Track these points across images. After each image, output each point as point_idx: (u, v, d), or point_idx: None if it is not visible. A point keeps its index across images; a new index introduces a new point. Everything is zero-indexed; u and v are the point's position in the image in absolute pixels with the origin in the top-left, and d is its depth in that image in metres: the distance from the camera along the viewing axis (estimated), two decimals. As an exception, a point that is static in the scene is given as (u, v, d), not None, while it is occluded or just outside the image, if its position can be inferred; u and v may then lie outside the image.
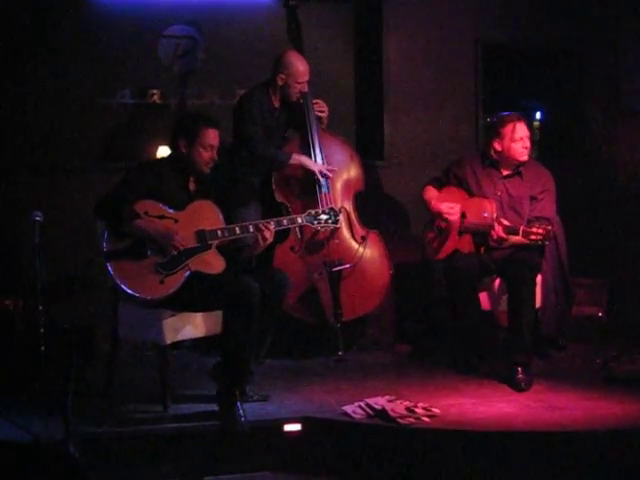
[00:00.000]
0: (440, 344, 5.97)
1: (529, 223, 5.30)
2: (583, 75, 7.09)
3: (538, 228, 5.07)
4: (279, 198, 5.86)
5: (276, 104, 5.89)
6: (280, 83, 5.79)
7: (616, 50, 6.93)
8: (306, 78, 5.79)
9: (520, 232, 5.14)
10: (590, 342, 6.10)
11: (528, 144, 5.50)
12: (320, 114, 5.91)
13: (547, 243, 5.22)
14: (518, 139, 5.47)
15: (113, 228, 4.66)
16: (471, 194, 5.62)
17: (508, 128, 5.48)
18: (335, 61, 6.57)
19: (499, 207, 5.48)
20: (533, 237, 5.08)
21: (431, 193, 5.72)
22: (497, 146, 5.54)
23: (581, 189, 6.85)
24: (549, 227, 5.12)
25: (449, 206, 5.55)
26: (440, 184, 5.76)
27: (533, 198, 5.52)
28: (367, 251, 5.91)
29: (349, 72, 6.78)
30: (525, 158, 5.53)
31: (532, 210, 5.48)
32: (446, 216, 5.55)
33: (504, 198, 5.54)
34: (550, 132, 7.18)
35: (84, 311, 5.74)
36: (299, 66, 5.78)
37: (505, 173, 5.60)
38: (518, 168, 5.57)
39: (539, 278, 5.54)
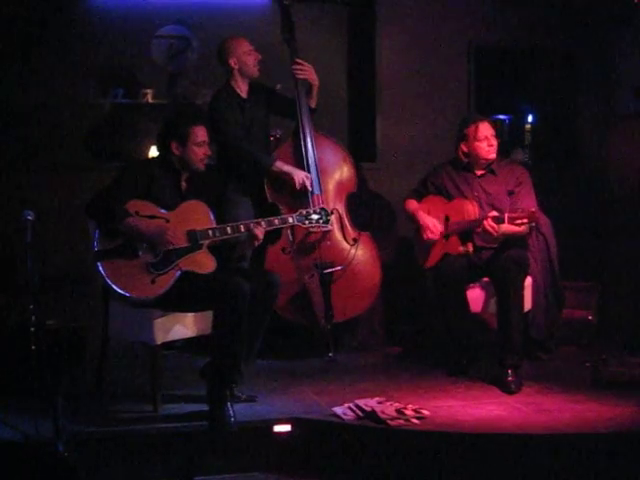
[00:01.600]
0: (430, 346, 5.99)
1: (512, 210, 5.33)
2: (576, 78, 7.10)
3: (522, 211, 5.13)
4: (271, 198, 5.86)
5: (243, 94, 5.86)
6: (235, 67, 5.78)
7: (609, 53, 6.95)
8: (252, 47, 5.79)
9: (506, 219, 5.17)
10: (580, 345, 6.13)
11: (493, 142, 5.56)
12: (300, 76, 5.86)
13: (534, 225, 5.34)
14: (482, 138, 5.53)
15: (104, 227, 4.67)
16: (451, 199, 5.65)
17: (471, 129, 5.57)
18: (328, 63, 6.57)
19: (479, 207, 5.51)
20: (519, 221, 5.13)
21: (413, 205, 5.75)
22: (464, 148, 5.63)
23: (572, 192, 6.86)
24: (532, 209, 5.16)
25: (434, 224, 5.58)
26: (419, 195, 5.80)
27: (510, 192, 5.57)
28: (359, 253, 5.92)
29: (342, 74, 6.79)
30: (492, 156, 5.58)
31: (512, 204, 5.49)
32: (428, 234, 5.57)
33: (482, 197, 5.58)
34: (542, 135, 7.19)
35: (75, 310, 5.73)
36: (239, 41, 5.78)
37: (479, 173, 5.65)
38: (490, 166, 5.62)
39: (529, 280, 5.56)
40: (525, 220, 5.12)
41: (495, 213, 5.33)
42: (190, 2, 6.45)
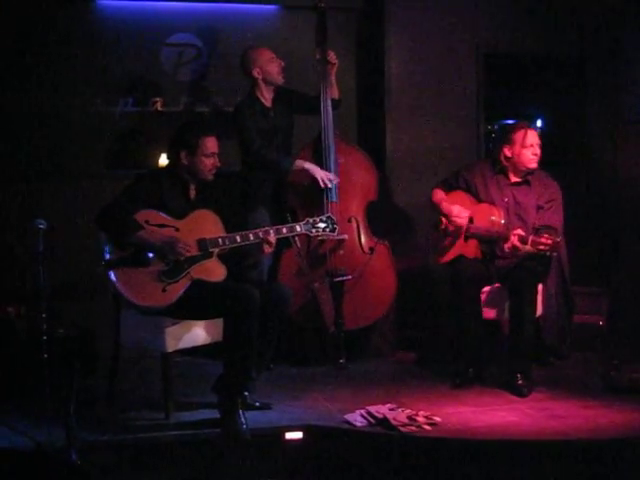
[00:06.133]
0: (442, 352, 5.98)
1: (538, 232, 5.28)
2: (585, 83, 7.09)
3: (547, 239, 5.08)
4: (290, 202, 5.89)
5: (267, 103, 5.93)
6: (259, 77, 5.86)
7: (618, 58, 6.94)
8: (273, 55, 5.88)
9: (529, 242, 5.15)
10: (591, 351, 6.10)
11: (538, 152, 5.55)
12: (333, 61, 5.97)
13: (554, 254, 5.29)
14: (529, 145, 5.52)
15: (115, 240, 4.68)
16: (479, 200, 5.64)
17: (519, 134, 5.54)
18: (336, 69, 6.56)
19: (505, 214, 5.50)
20: (541, 247, 5.09)
21: (440, 195, 5.73)
22: (507, 152, 5.59)
23: (582, 197, 6.85)
24: (558, 239, 5.14)
25: (460, 209, 5.58)
26: (449, 187, 5.78)
27: (540, 207, 5.55)
28: (374, 263, 5.90)
29: (351, 81, 6.77)
30: (534, 165, 5.56)
31: (539, 219, 5.48)
32: (455, 219, 5.56)
33: (511, 204, 5.57)
34: (551, 140, 7.17)
35: (86, 319, 5.74)
36: (261, 51, 5.88)
37: (513, 180, 5.63)
38: (526, 176, 5.60)
39: (540, 286, 5.55)
40: (547, 248, 5.08)
41: (521, 232, 5.29)
42: (200, 10, 6.46)
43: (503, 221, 5.43)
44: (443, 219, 5.66)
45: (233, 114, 5.93)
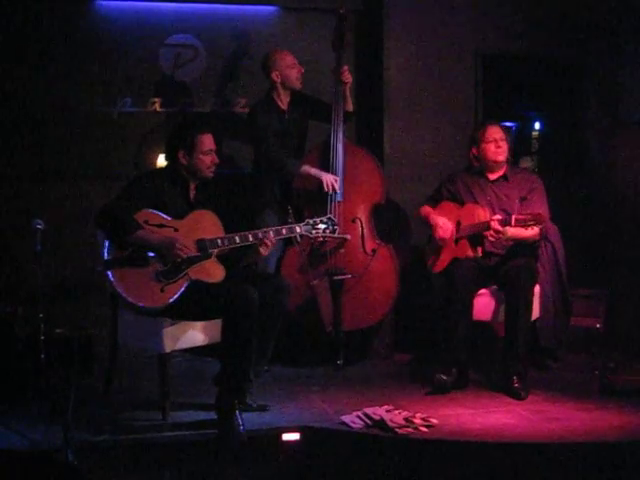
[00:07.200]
0: (439, 354, 5.98)
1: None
2: (582, 85, 7.09)
3: (529, 213, 5.20)
4: (296, 202, 5.87)
5: (283, 106, 5.96)
6: (278, 80, 5.90)
7: (615, 60, 6.95)
8: (295, 60, 5.92)
9: (512, 221, 5.21)
10: (588, 353, 6.10)
11: (502, 145, 5.65)
12: (347, 81, 5.97)
13: (542, 227, 5.33)
14: (490, 140, 5.64)
15: (114, 239, 4.68)
16: (463, 205, 5.70)
17: (480, 132, 5.71)
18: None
19: (491, 211, 5.56)
20: (523, 220, 5.16)
21: (427, 210, 5.83)
22: (475, 151, 5.74)
23: (580, 199, 6.86)
24: (539, 211, 5.22)
25: (445, 221, 5.64)
26: (434, 202, 5.87)
27: (523, 199, 5.62)
28: (375, 265, 5.90)
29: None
30: (501, 158, 5.67)
31: (524, 209, 5.50)
32: (440, 233, 5.61)
33: (494, 201, 5.65)
34: (549, 142, 7.19)
35: (84, 319, 5.75)
36: (283, 55, 5.91)
37: (492, 178, 5.72)
38: (504, 173, 5.69)
39: (537, 288, 5.56)
40: (531, 222, 5.15)
41: (499, 217, 5.35)
42: (198, 11, 6.46)
43: (488, 215, 5.48)
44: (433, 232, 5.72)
45: (248, 114, 6.00)
